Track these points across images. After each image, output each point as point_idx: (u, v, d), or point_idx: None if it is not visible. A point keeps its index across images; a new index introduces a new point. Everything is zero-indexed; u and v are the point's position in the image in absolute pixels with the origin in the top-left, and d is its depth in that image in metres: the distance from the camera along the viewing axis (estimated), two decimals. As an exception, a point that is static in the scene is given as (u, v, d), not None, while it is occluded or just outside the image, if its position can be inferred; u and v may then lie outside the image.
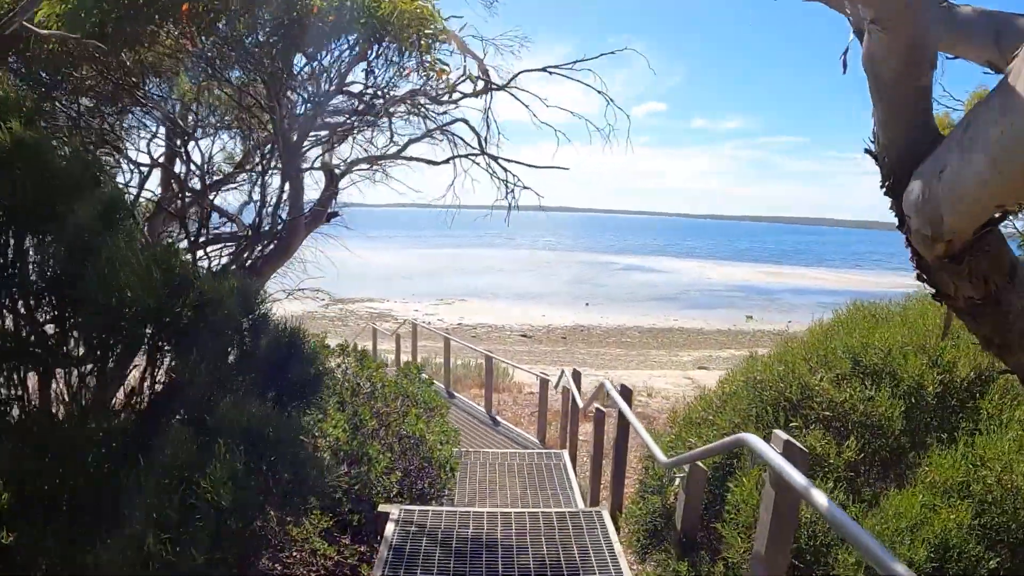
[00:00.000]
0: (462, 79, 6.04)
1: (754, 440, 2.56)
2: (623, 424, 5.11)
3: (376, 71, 5.52)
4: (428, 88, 5.86)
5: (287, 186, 5.36)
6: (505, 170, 6.59)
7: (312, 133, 5.81)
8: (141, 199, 6.20)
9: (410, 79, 5.68)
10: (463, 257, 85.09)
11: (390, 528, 4.80)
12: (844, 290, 57.77)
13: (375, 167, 7.72)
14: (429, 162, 6.82)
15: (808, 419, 3.72)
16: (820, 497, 2.01)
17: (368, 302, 42.35)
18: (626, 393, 5.12)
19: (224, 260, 5.67)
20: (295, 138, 5.29)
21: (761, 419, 3.91)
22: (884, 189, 2.45)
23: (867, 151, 2.51)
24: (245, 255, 5.31)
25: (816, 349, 4.35)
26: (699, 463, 3.58)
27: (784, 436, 2.51)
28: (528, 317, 37.40)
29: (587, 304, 43.57)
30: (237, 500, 1.92)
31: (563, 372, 8.04)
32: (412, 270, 64.58)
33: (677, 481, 3.84)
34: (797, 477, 2.15)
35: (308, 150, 5.77)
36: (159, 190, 6.78)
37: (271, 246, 5.42)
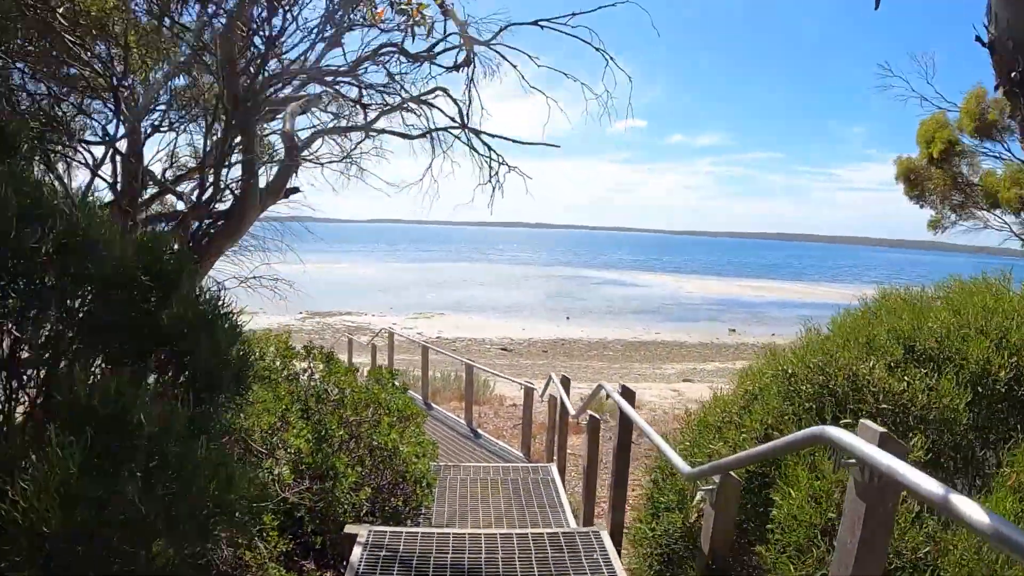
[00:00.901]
0: (441, 41, 5.36)
1: (840, 434, 1.88)
2: (625, 429, 4.43)
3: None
4: (403, 37, 5.14)
5: (237, 145, 4.60)
6: (488, 148, 5.91)
7: (271, 90, 5.08)
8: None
9: (382, 24, 5.00)
10: (441, 271, 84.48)
11: (357, 553, 4.07)
12: (825, 303, 57.77)
13: (344, 139, 7.04)
14: (404, 135, 6.12)
15: (859, 414, 3.06)
16: (974, 509, 1.33)
17: (345, 315, 41.49)
18: (628, 395, 4.44)
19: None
20: (245, 82, 4.56)
21: (799, 417, 3.25)
22: (1005, 87, 1.84)
23: (978, 39, 1.94)
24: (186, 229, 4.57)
25: (855, 335, 3.70)
26: (732, 473, 2.90)
27: (876, 427, 1.84)
28: (508, 330, 36.70)
29: (567, 317, 42.99)
30: (74, 521, 1.22)
31: (551, 378, 7.35)
32: (390, 283, 63.92)
33: (700, 495, 3.16)
34: (924, 482, 1.48)
35: (265, 113, 5.06)
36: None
37: (220, 222, 4.69)
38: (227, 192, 4.99)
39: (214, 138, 4.89)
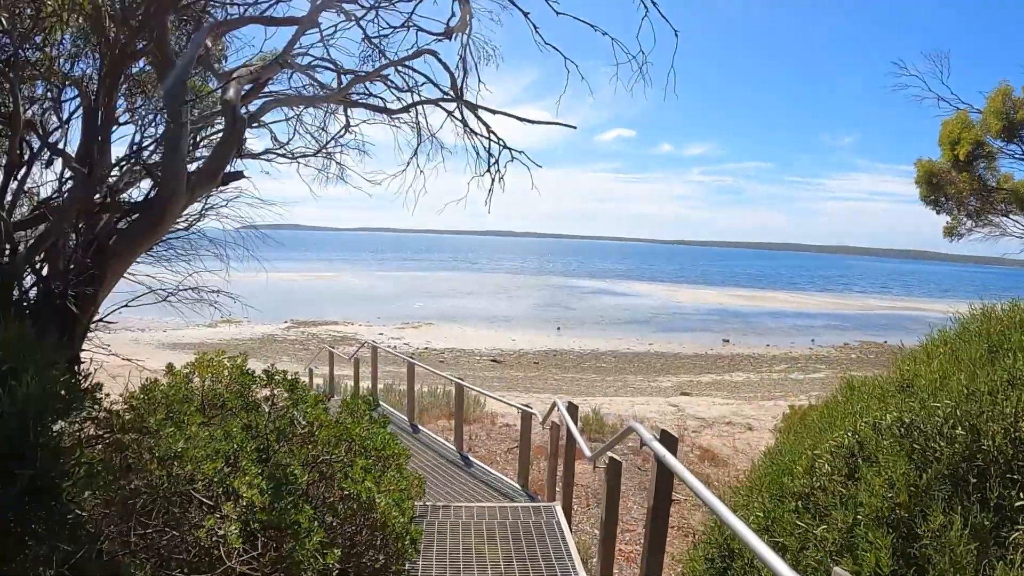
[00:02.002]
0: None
1: None
2: (664, 483, 3.44)
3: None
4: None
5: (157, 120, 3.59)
6: (487, 128, 4.91)
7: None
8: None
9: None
10: (428, 280, 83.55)
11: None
12: (819, 312, 57.30)
13: (321, 132, 6.08)
14: (382, 110, 5.12)
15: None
16: None
17: (331, 325, 40.44)
18: (669, 442, 3.45)
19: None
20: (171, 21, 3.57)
21: (936, 493, 2.28)
22: None
23: None
24: (86, 225, 3.52)
25: (981, 363, 2.74)
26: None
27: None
28: (498, 341, 35.70)
29: (559, 328, 42.04)
30: None
31: (556, 404, 6.34)
32: (377, 293, 63.01)
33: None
34: None
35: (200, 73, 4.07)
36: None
37: (136, 215, 3.67)
38: (144, 181, 3.98)
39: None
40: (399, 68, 4.82)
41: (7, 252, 3.84)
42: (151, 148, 4.60)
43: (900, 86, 13.71)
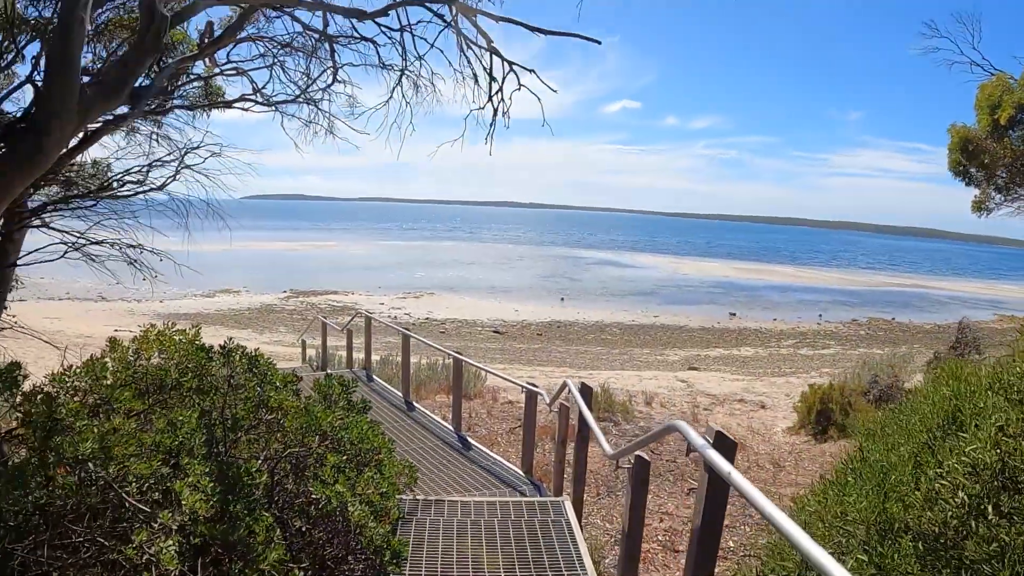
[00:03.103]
0: None
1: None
2: (718, 497, 2.65)
3: None
4: None
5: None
6: (489, 42, 4.03)
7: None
8: None
9: None
10: (431, 249, 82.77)
11: None
12: (826, 288, 56.44)
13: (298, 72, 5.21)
14: (357, 14, 4.23)
15: None
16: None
17: (331, 294, 39.70)
18: (726, 448, 2.63)
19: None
20: None
21: None
22: None
23: None
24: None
25: None
26: None
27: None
28: (500, 312, 34.95)
29: (562, 299, 41.26)
30: None
31: (566, 384, 5.53)
32: (379, 262, 62.30)
33: None
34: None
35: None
36: None
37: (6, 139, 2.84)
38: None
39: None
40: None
41: None
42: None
43: (929, 49, 12.71)
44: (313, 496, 3.76)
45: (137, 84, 3.43)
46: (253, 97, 7.40)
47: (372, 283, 45.31)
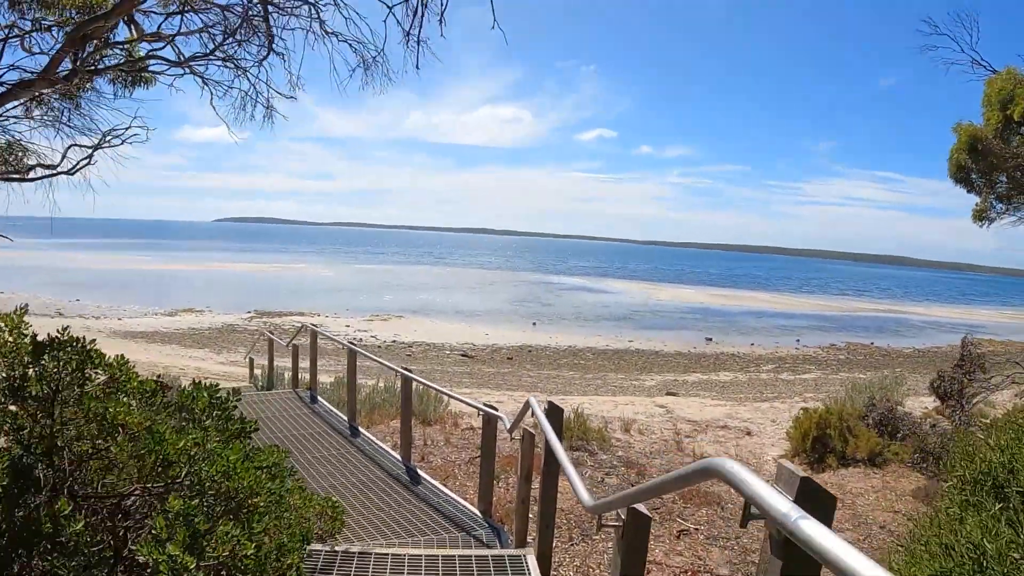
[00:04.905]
0: None
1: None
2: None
3: None
4: None
5: None
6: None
7: None
8: None
9: None
10: (402, 273, 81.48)
11: None
12: (802, 313, 55.92)
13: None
14: None
15: None
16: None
17: (296, 316, 38.08)
18: (821, 506, 1.41)
19: None
20: None
21: None
22: None
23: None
24: None
25: None
26: None
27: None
28: (470, 336, 33.64)
29: (534, 323, 40.08)
30: None
31: (529, 405, 4.28)
32: (347, 285, 60.83)
33: None
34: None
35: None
36: None
37: None
38: None
39: None
40: None
41: None
42: None
43: (929, 47, 11.87)
44: (139, 558, 2.52)
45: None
46: (163, 55, 6.23)
47: (339, 305, 43.91)
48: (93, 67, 6.18)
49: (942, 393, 12.16)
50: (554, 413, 3.91)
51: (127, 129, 7.66)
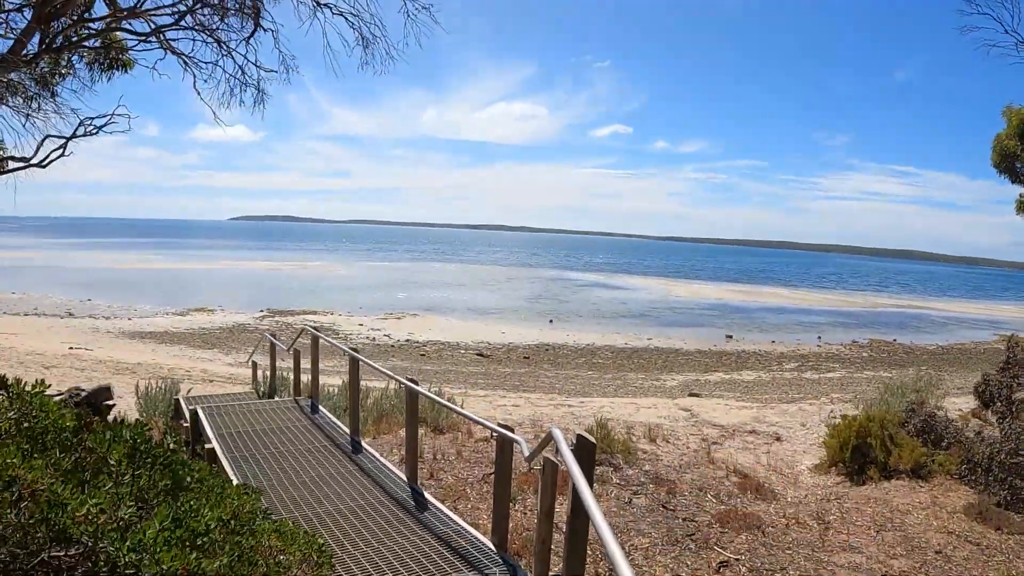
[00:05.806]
0: None
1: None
2: None
3: None
4: None
5: None
6: None
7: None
8: None
9: None
10: (416, 271, 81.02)
11: None
12: (822, 309, 54.80)
13: None
14: None
15: None
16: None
17: (309, 315, 37.58)
18: None
19: None
20: None
21: None
22: None
23: None
24: None
25: None
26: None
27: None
28: (486, 334, 32.94)
29: (551, 321, 39.31)
30: None
31: (552, 436, 3.54)
32: (361, 283, 60.40)
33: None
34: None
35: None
36: None
37: None
38: None
39: None
40: None
41: None
42: None
43: (969, 27, 11.01)
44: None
45: None
46: (129, 26, 5.56)
47: (353, 303, 43.38)
48: (58, 45, 5.51)
49: (987, 398, 11.33)
50: (584, 449, 3.17)
51: (106, 118, 7.04)
